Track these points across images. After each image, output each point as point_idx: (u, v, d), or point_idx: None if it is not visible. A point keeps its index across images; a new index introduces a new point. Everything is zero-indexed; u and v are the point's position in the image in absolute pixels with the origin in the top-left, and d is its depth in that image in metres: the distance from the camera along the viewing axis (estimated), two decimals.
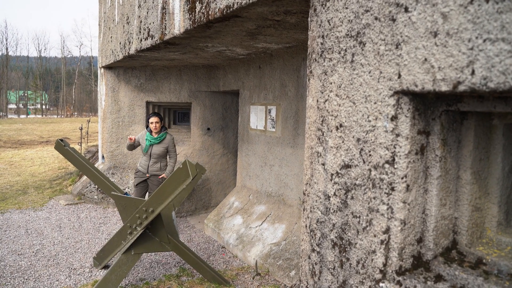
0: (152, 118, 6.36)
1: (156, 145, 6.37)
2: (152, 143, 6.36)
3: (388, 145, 1.87)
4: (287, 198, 5.72)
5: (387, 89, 1.85)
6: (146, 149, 6.39)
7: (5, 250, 5.74)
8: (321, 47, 2.35)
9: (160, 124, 6.39)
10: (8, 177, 10.97)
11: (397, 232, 1.88)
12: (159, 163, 6.47)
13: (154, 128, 6.31)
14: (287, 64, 5.61)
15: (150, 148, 6.38)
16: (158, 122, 6.33)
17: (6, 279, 4.84)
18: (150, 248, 4.44)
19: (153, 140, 6.34)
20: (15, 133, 26.68)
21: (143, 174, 6.45)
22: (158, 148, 6.38)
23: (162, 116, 6.59)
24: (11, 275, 4.94)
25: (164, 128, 6.49)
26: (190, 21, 4.00)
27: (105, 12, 8.00)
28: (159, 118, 6.40)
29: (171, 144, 6.47)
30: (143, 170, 6.45)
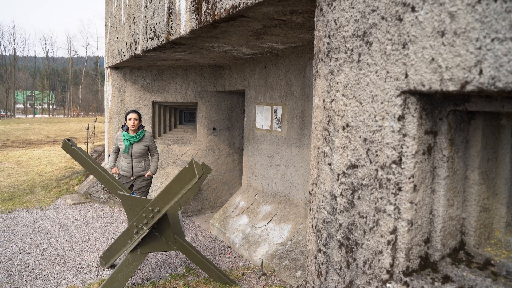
0: (130, 114, 5.98)
1: (136, 144, 6.04)
2: (132, 141, 6.01)
3: (395, 145, 1.86)
4: (293, 198, 5.72)
5: (394, 89, 1.84)
6: (127, 150, 6.00)
7: (13, 249, 5.78)
8: (327, 47, 2.34)
9: (139, 122, 6.04)
10: (15, 177, 11.04)
11: (404, 232, 1.87)
12: (143, 162, 6.14)
13: (132, 126, 5.94)
14: (293, 63, 5.60)
15: (130, 147, 6.02)
16: (137, 119, 5.98)
17: (14, 277, 4.87)
18: (157, 248, 4.45)
19: (132, 138, 5.99)
20: (23, 133, 26.85)
21: (128, 178, 6.11)
22: (139, 146, 6.05)
23: (140, 113, 6.24)
24: (18, 274, 4.97)
25: (142, 126, 6.15)
26: (196, 21, 4.00)
27: (112, 13, 8.03)
28: (138, 115, 6.04)
29: (151, 141, 6.18)
30: (127, 173, 6.10)
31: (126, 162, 6.05)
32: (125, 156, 6.04)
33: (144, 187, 6.14)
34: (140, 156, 6.06)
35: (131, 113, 5.97)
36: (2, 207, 7.96)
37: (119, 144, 6.10)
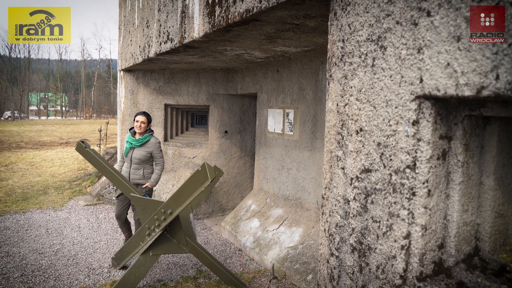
0: (138, 116, 5.51)
1: (137, 149, 5.49)
2: (133, 145, 5.49)
3: (409, 149, 1.86)
4: (305, 201, 5.71)
5: (408, 94, 1.84)
6: (126, 152, 5.53)
7: (27, 249, 5.84)
8: (341, 51, 2.35)
9: (147, 125, 5.53)
10: (29, 177, 11.16)
11: (418, 237, 1.86)
12: (142, 170, 5.55)
13: (138, 128, 5.45)
14: (305, 67, 5.60)
15: (131, 151, 5.52)
16: (145, 122, 5.48)
17: (27, 277, 4.93)
18: (168, 250, 4.46)
19: (134, 142, 5.47)
20: (36, 134, 27.15)
21: None
22: (140, 152, 5.48)
23: (150, 117, 5.70)
24: (32, 274, 5.02)
25: (150, 131, 5.63)
26: (210, 25, 4.03)
27: (125, 16, 8.10)
28: (147, 118, 5.54)
29: (155, 149, 5.55)
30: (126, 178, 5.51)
31: (126, 166, 5.62)
32: (126, 159, 5.61)
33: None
34: (139, 162, 5.52)
35: (140, 115, 5.53)
36: (16, 208, 8.05)
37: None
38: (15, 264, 5.30)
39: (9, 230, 6.66)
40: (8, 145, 19.68)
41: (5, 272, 5.03)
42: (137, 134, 5.52)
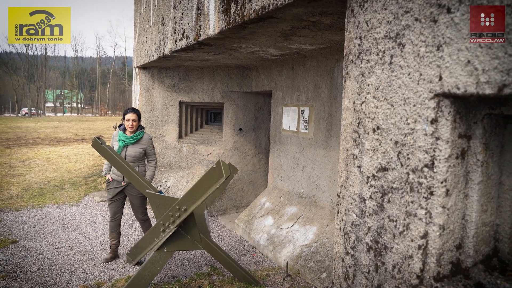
0: (128, 115, 5.34)
1: (131, 146, 5.35)
2: (127, 143, 5.33)
3: (428, 148, 1.83)
4: (319, 200, 5.69)
5: (427, 92, 1.82)
6: (120, 151, 5.31)
7: (43, 243, 5.92)
8: (358, 49, 2.33)
9: (138, 122, 5.39)
10: (46, 173, 11.31)
11: (436, 237, 1.84)
12: (137, 168, 5.39)
13: (130, 127, 5.31)
14: (320, 65, 5.57)
15: (125, 149, 5.34)
16: (136, 120, 5.34)
17: (44, 271, 5.00)
18: (182, 246, 4.48)
19: (128, 139, 5.32)
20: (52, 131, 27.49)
21: (119, 182, 5.40)
22: (134, 149, 5.35)
23: (140, 113, 5.52)
24: (49, 268, 5.09)
25: (141, 127, 5.49)
26: (225, 22, 4.03)
27: (141, 13, 8.15)
28: (137, 115, 5.39)
29: (149, 145, 5.47)
30: (118, 177, 5.39)
31: None
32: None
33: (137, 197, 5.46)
34: (134, 160, 5.37)
35: (130, 113, 5.36)
36: (33, 203, 8.17)
37: (114, 145, 5.42)
38: (32, 258, 5.38)
39: (26, 225, 6.76)
40: (25, 141, 19.96)
41: (23, 266, 5.11)
42: (128, 132, 5.37)
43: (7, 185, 9.80)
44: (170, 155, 8.52)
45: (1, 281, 4.70)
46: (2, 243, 5.84)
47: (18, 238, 6.12)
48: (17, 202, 8.25)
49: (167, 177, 8.37)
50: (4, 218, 7.09)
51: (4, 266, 5.08)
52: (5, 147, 17.27)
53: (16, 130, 27.52)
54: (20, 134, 24.20)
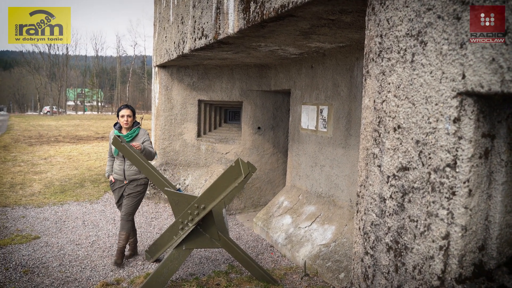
0: (123, 111, 5.19)
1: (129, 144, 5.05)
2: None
3: (450, 148, 1.80)
4: (338, 199, 5.65)
5: (449, 90, 1.79)
6: (117, 152, 5.21)
7: (65, 239, 6.02)
8: (379, 47, 2.30)
9: (133, 118, 5.25)
10: (67, 171, 11.49)
11: (458, 238, 1.81)
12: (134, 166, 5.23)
13: (125, 123, 5.16)
14: (340, 63, 5.54)
15: None
16: (130, 116, 5.20)
17: (65, 267, 5.08)
18: (201, 244, 4.51)
19: (124, 137, 5.11)
20: (73, 129, 27.92)
21: (121, 182, 5.30)
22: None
23: (134, 109, 5.32)
24: (69, 264, 5.17)
25: (136, 123, 5.33)
26: (244, 21, 4.03)
27: (160, 13, 8.20)
28: (132, 111, 5.23)
29: (146, 140, 5.26)
30: (120, 176, 5.29)
31: (118, 164, 5.32)
32: (117, 157, 5.33)
33: (137, 192, 5.30)
34: None
35: (124, 109, 5.21)
36: (54, 200, 8.30)
37: (111, 145, 5.31)
38: (54, 254, 5.47)
39: (48, 221, 6.88)
40: (47, 139, 20.31)
41: (45, 261, 5.20)
42: (124, 129, 5.25)
43: (29, 182, 9.99)
44: (189, 154, 8.57)
45: (24, 275, 4.80)
46: (25, 239, 5.95)
47: (40, 234, 6.24)
48: (39, 198, 8.40)
49: (186, 175, 8.43)
50: (27, 214, 7.22)
51: (27, 261, 5.17)
52: (28, 145, 17.60)
53: (38, 128, 28.04)
54: (42, 132, 24.65)
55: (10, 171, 11.31)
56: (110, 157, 5.47)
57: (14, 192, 8.90)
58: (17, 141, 19.03)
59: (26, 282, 4.64)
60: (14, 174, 10.90)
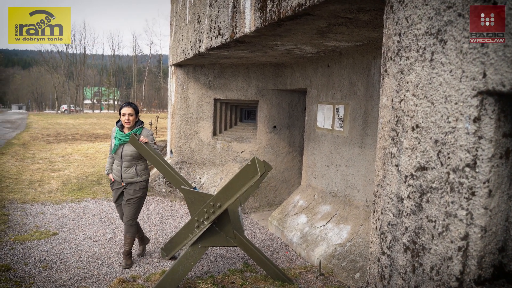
0: (124, 109, 4.94)
1: (127, 144, 4.96)
2: (123, 141, 4.96)
3: (470, 147, 1.78)
4: (353, 199, 5.62)
5: (470, 89, 1.77)
6: (115, 150, 5.01)
7: (82, 236, 6.10)
8: (397, 45, 2.28)
9: (135, 117, 4.99)
10: (84, 168, 11.63)
11: (477, 239, 1.79)
12: (134, 167, 5.04)
13: (127, 122, 4.93)
14: (356, 62, 5.50)
15: (121, 148, 5.00)
16: (132, 114, 4.94)
17: (82, 263, 5.14)
18: (216, 242, 4.52)
19: (124, 137, 4.94)
20: (90, 127, 28.23)
21: (119, 183, 5.12)
22: (131, 147, 4.94)
23: (137, 107, 5.10)
24: (87, 260, 5.24)
25: (140, 123, 5.09)
26: (261, 20, 4.03)
27: (177, 12, 8.25)
28: (134, 110, 4.99)
29: (150, 140, 4.98)
30: (117, 178, 5.10)
31: (116, 164, 5.10)
32: (115, 157, 5.09)
33: (136, 198, 5.07)
34: (131, 160, 5.01)
35: (126, 107, 4.96)
36: (72, 197, 8.42)
37: (112, 142, 5.14)
38: (72, 250, 5.54)
39: (66, 218, 6.97)
40: (64, 137, 20.58)
41: (63, 257, 5.28)
42: (126, 128, 5.01)
43: (48, 179, 10.13)
44: (204, 152, 8.60)
45: (43, 271, 4.87)
46: (43, 235, 6.05)
47: (58, 230, 6.33)
48: (57, 195, 8.52)
49: (201, 173, 8.46)
50: (45, 211, 7.33)
51: (45, 257, 5.26)
52: (46, 143, 17.85)
53: (56, 126, 28.42)
54: (60, 130, 24.97)
55: (29, 168, 11.49)
56: (110, 155, 5.26)
57: (33, 189, 9.05)
58: (36, 139, 19.32)
59: (45, 277, 4.72)
60: (33, 171, 11.07)
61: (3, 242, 5.72)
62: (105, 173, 5.18)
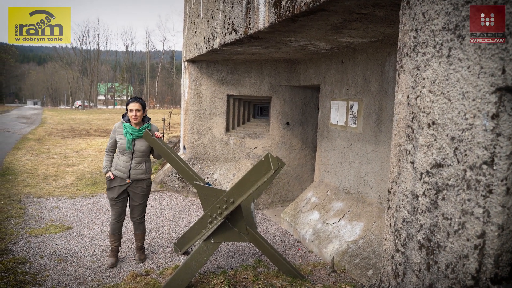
0: (132, 104, 4.83)
1: (139, 140, 4.90)
2: (135, 136, 4.86)
3: (487, 144, 1.76)
4: (366, 196, 5.60)
5: (488, 86, 1.74)
6: (130, 146, 4.86)
7: (96, 230, 6.16)
8: (413, 41, 2.26)
9: (142, 113, 4.89)
10: (97, 163, 11.73)
11: (494, 237, 1.77)
12: (144, 164, 4.98)
13: (134, 118, 4.82)
14: (371, 59, 5.46)
15: (133, 143, 4.89)
16: (140, 110, 4.84)
17: (96, 256, 5.20)
18: (229, 238, 4.53)
19: (136, 132, 4.85)
20: (104, 123, 28.45)
21: (123, 180, 4.92)
22: (143, 143, 4.90)
23: (145, 103, 5.04)
24: (100, 254, 5.29)
25: (147, 118, 5.01)
26: (275, 15, 4.02)
27: (190, 8, 8.26)
28: (142, 105, 4.90)
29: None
30: (123, 174, 4.91)
31: (124, 160, 4.92)
32: (125, 153, 4.92)
33: (140, 194, 5.02)
34: (142, 156, 4.95)
35: (133, 102, 4.86)
36: (86, 191, 8.50)
37: (117, 138, 4.95)
38: (86, 244, 5.60)
39: (80, 212, 7.04)
40: (79, 132, 20.78)
41: (77, 251, 5.34)
42: (133, 124, 4.90)
43: (62, 174, 10.25)
44: (217, 148, 8.62)
45: (58, 264, 4.94)
46: (58, 229, 6.12)
47: (72, 224, 6.40)
48: (71, 190, 8.61)
49: (214, 169, 8.49)
50: (60, 205, 7.42)
51: (60, 250, 5.32)
52: (61, 138, 18.05)
53: (70, 122, 28.72)
54: (74, 126, 25.22)
55: (44, 163, 11.63)
56: (110, 151, 5.07)
57: (48, 183, 9.15)
58: (51, 134, 19.55)
59: (59, 270, 4.78)
60: (48, 166, 11.20)
61: (19, 235, 5.81)
62: (103, 170, 5.03)
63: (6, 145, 15.04)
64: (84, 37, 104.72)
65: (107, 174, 4.97)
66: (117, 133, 4.94)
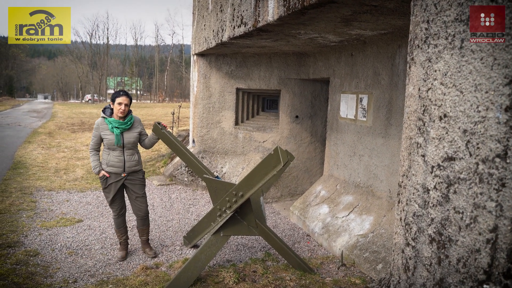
0: (121, 98, 4.76)
1: (127, 132, 4.87)
2: (122, 129, 4.82)
3: (500, 137, 1.73)
4: (376, 189, 5.57)
5: (502, 77, 1.71)
6: (118, 140, 4.78)
7: (106, 223, 6.20)
8: (425, 33, 2.23)
9: (129, 108, 4.88)
10: None
11: (507, 231, 1.75)
12: (136, 155, 4.97)
13: (122, 112, 4.75)
14: (381, 51, 5.41)
15: (121, 137, 4.83)
16: (128, 104, 4.81)
17: (107, 249, 5.24)
18: (238, 231, 4.54)
19: (123, 125, 4.80)
20: None
21: (118, 175, 4.86)
22: (132, 134, 4.88)
23: (131, 96, 5.01)
24: (111, 247, 5.33)
25: (130, 111, 4.95)
26: (284, 8, 3.99)
27: (199, 1, 8.23)
28: (129, 99, 4.87)
29: (142, 126, 5.06)
30: (117, 169, 4.85)
31: (116, 155, 4.84)
32: (115, 148, 4.83)
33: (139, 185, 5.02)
34: (133, 147, 4.92)
35: (123, 96, 4.80)
36: (96, 185, 8.55)
37: (103, 135, 4.83)
38: (96, 236, 5.65)
39: (90, 205, 7.09)
40: (88, 126, 20.89)
41: (88, 244, 5.38)
42: (117, 117, 4.84)
43: (72, 167, 10.32)
44: (226, 142, 8.62)
45: (69, 256, 4.98)
46: (69, 222, 6.17)
47: (83, 217, 6.45)
48: (81, 183, 8.68)
49: (223, 163, 8.50)
50: (71, 199, 7.48)
51: (71, 243, 5.37)
52: (71, 132, 18.18)
53: (80, 116, 28.90)
54: (84, 120, 25.37)
55: (54, 156, 11.72)
56: (96, 150, 4.94)
57: (59, 177, 9.23)
58: (61, 128, 19.69)
59: (70, 263, 4.82)
60: (58, 159, 11.29)
61: (31, 228, 5.87)
62: (94, 171, 4.92)
63: (17, 139, 15.17)
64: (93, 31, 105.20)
65: (101, 174, 4.85)
66: (102, 130, 4.83)
